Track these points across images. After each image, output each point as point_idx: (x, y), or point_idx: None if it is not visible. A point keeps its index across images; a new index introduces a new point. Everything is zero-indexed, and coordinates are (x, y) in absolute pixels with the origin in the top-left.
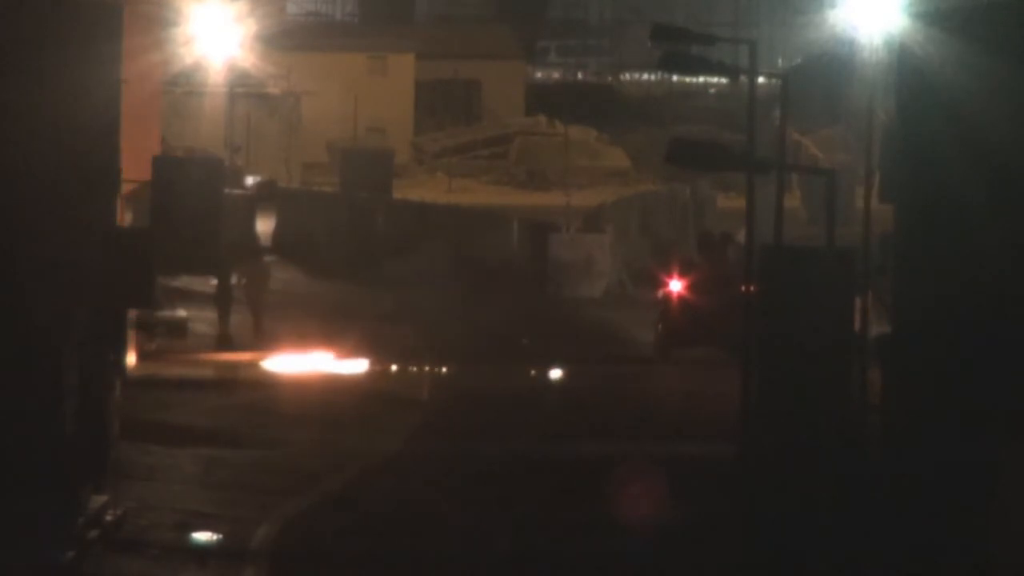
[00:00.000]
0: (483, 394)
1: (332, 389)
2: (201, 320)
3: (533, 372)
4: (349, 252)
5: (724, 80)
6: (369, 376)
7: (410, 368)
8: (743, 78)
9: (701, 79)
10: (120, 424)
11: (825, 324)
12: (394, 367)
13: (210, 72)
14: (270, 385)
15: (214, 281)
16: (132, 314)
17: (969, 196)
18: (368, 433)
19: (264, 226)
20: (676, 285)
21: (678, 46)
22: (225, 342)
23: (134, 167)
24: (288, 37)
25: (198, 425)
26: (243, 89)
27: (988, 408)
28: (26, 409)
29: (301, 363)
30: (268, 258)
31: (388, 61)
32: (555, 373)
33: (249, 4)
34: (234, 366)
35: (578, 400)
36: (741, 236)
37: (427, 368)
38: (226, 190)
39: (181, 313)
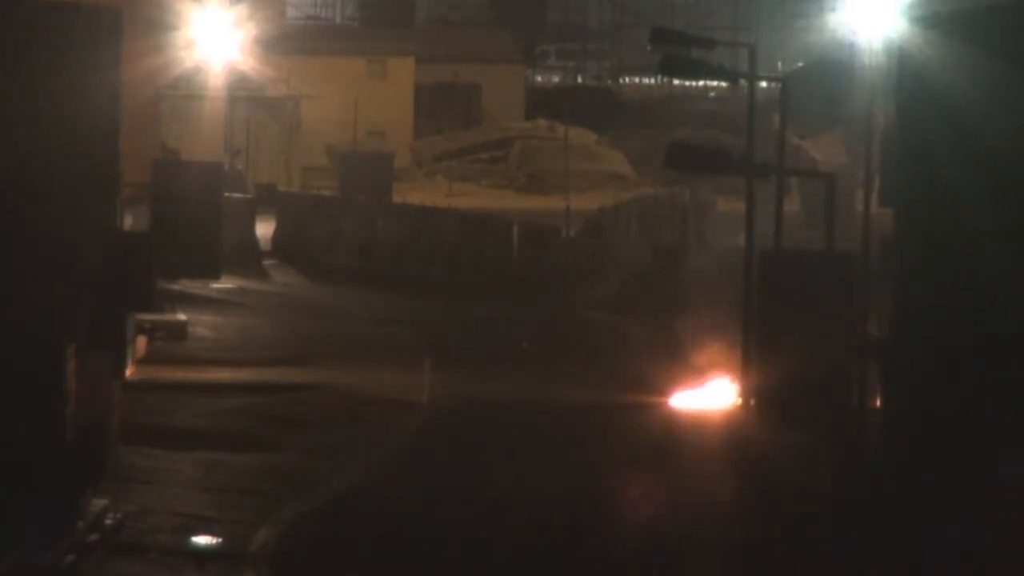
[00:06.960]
0: (482, 399)
1: (332, 392)
2: (201, 324)
3: (533, 374)
4: (349, 255)
5: (724, 84)
6: (369, 379)
7: (410, 372)
8: (743, 82)
9: (701, 83)
10: (120, 427)
11: (824, 326)
12: (394, 370)
13: (210, 76)
14: (271, 389)
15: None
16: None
17: (969, 199)
18: (367, 436)
19: (264, 229)
20: None
21: (677, 50)
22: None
23: (134, 170)
24: (288, 41)
25: (198, 429)
26: (243, 93)
27: (987, 408)
28: (26, 413)
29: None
30: (268, 261)
31: (388, 65)
32: (555, 373)
33: (249, 8)
34: (234, 370)
35: (577, 402)
36: (741, 240)
37: (427, 372)
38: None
39: (181, 317)
